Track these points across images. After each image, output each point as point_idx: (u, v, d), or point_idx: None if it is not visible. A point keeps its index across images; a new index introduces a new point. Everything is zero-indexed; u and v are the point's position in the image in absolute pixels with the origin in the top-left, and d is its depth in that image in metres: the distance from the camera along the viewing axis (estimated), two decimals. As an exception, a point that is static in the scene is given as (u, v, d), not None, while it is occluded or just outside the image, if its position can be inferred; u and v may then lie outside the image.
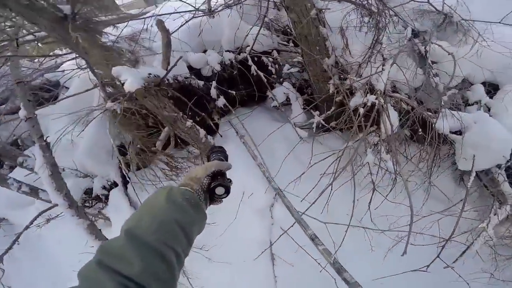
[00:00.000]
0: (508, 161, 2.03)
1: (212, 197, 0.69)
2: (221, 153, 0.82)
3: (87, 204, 3.30)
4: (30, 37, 2.66)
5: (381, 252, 1.97)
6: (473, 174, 1.96)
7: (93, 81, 2.88)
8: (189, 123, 2.11)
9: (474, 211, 2.18)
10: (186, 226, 0.58)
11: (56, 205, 1.84)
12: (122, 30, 2.63)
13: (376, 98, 1.76)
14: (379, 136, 1.81)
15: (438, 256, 1.76)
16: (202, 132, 2.30)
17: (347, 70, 2.78)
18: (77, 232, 3.03)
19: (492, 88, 2.49)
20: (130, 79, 1.60)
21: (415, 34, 2.69)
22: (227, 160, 0.81)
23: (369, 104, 1.76)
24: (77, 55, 2.48)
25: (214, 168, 0.69)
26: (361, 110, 1.96)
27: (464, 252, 1.87)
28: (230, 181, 0.71)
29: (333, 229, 2.07)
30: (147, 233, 0.53)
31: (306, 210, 1.84)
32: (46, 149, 1.69)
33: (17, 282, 3.43)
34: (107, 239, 2.19)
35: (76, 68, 3.06)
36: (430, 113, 1.97)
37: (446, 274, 1.81)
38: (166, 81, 2.12)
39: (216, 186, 0.67)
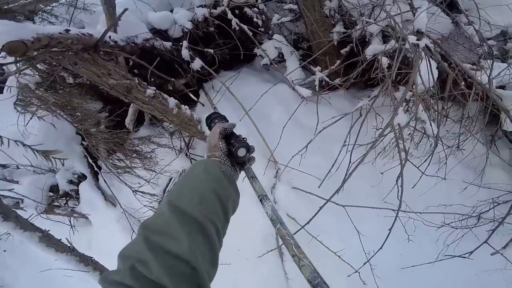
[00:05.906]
0: None
1: (240, 163, 0.70)
2: (218, 117, 0.80)
3: (56, 204, 2.83)
4: None
5: (413, 237, 1.62)
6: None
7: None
8: (150, 91, 1.55)
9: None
10: (224, 199, 0.56)
11: (-14, 219, 1.35)
12: None
13: (418, 39, 1.25)
14: (411, 91, 1.35)
15: (486, 241, 1.42)
16: (172, 101, 1.74)
17: (353, 15, 2.22)
18: (57, 228, 2.62)
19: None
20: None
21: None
22: (227, 121, 0.79)
23: (407, 47, 1.26)
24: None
25: (219, 129, 0.69)
26: (384, 59, 1.46)
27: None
28: (245, 138, 0.69)
29: (352, 212, 1.70)
30: (190, 205, 0.51)
31: (331, 197, 1.42)
32: None
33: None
34: (74, 249, 1.77)
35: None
36: (471, 65, 1.50)
37: (491, 261, 1.49)
38: (113, 43, 1.53)
39: (236, 150, 0.65)
